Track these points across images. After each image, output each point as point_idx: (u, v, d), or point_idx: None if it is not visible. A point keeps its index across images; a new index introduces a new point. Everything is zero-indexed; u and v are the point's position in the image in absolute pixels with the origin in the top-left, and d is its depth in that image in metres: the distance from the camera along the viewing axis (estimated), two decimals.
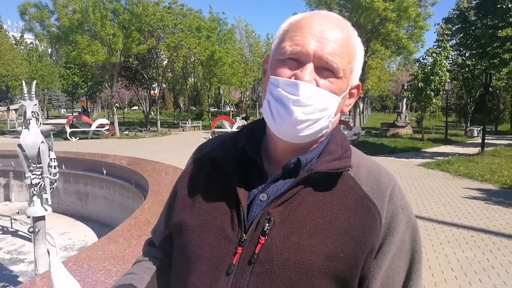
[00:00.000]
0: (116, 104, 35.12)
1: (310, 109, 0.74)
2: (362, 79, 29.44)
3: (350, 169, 0.80)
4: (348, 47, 0.78)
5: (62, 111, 63.84)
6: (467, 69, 31.42)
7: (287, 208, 0.77)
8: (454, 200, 8.31)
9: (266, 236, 0.76)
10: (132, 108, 66.63)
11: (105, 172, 7.71)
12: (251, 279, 0.75)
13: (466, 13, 22.57)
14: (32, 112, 4.58)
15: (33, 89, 4.77)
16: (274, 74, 0.77)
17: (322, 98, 0.75)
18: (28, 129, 4.56)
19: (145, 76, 34.86)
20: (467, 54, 28.65)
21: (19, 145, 4.62)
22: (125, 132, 28.80)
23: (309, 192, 0.79)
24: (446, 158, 15.27)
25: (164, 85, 40.99)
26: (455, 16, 26.76)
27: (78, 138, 24.39)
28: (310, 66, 0.74)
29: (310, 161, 0.81)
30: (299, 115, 0.73)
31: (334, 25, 0.77)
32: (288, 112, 0.73)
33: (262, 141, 0.87)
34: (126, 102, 52.83)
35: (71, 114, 44.94)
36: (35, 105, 4.68)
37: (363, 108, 41.99)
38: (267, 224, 0.76)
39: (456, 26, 26.26)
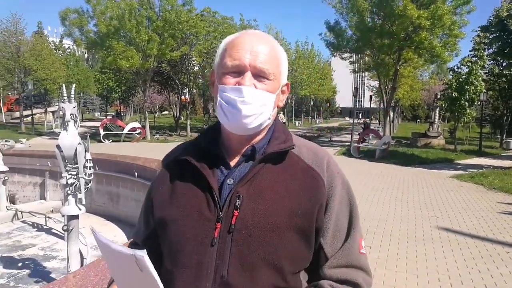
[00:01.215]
0: (148, 109, 35.88)
1: (253, 106, 0.95)
2: (394, 87, 28.95)
3: (294, 147, 1.03)
4: (274, 55, 1.01)
5: (96, 114, 65.71)
6: (504, 79, 30.25)
7: (251, 185, 0.97)
8: (489, 214, 8.01)
9: (239, 210, 0.95)
10: (163, 112, 67.80)
11: (136, 174, 7.89)
12: (232, 245, 0.94)
13: (505, 21, 21.81)
14: (70, 114, 4.76)
15: (72, 92, 4.96)
16: (221, 83, 0.99)
17: (261, 96, 0.97)
18: (66, 131, 4.74)
19: (177, 81, 35.48)
20: (504, 64, 27.68)
21: (57, 146, 4.81)
22: (155, 136, 29.38)
23: (266, 170, 1.00)
24: (480, 170, 14.74)
25: (194, 91, 41.54)
26: (493, 24, 25.94)
27: (111, 140, 25.07)
28: (248, 74, 0.97)
29: (262, 147, 1.03)
30: (246, 112, 0.95)
31: (260, 40, 1.00)
32: (238, 111, 0.95)
33: (219, 139, 1.07)
34: (157, 107, 53.75)
35: (105, 117, 46.22)
36: (74, 107, 4.87)
37: (393, 117, 41.22)
38: (238, 200, 0.95)
39: (494, 35, 25.46)
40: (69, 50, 54.68)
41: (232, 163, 1.03)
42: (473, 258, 5.45)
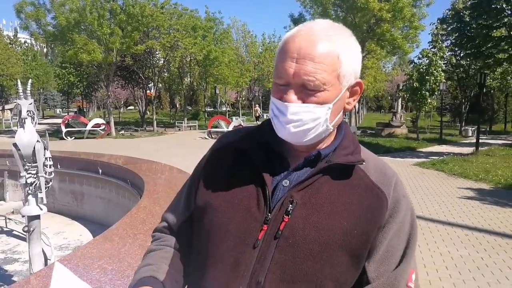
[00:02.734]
0: (112, 104, 34.98)
1: (300, 123, 0.84)
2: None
3: (363, 163, 0.92)
4: (327, 59, 0.83)
5: (58, 110, 63.46)
6: (461, 69, 31.54)
7: (308, 192, 0.88)
8: (449, 199, 8.35)
9: (290, 216, 0.87)
10: (128, 107, 66.38)
11: (100, 171, 7.69)
12: (276, 252, 0.86)
13: (461, 13, 22.67)
14: (27, 111, 4.57)
15: (29, 88, 4.75)
16: (272, 94, 0.89)
17: (308, 112, 0.84)
18: (24, 128, 4.55)
19: (141, 75, 34.77)
20: (461, 54, 28.79)
21: (14, 144, 4.60)
22: (121, 132, 28.73)
23: (326, 180, 0.90)
24: (441, 157, 15.33)
25: (160, 85, 40.89)
26: (450, 16, 26.88)
27: (73, 137, 24.31)
28: (292, 89, 0.84)
29: (327, 154, 0.93)
30: (293, 129, 0.85)
31: (313, 39, 0.83)
32: (284, 128, 0.86)
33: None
34: (122, 102, 52.59)
35: (66, 113, 44.74)
36: (31, 104, 4.67)
37: (358, 108, 42.11)
38: (291, 205, 0.87)
39: (451, 26, 26.42)
40: (26, 45, 52.44)
41: (292, 164, 0.93)
42: (434, 241, 5.68)
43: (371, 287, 0.90)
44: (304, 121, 0.84)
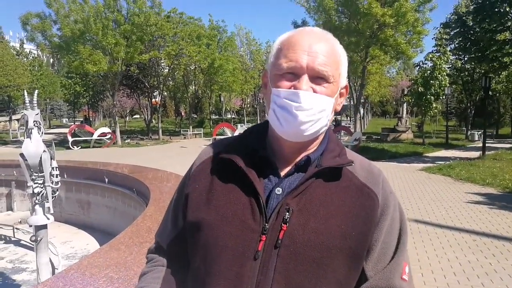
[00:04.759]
0: (118, 113, 35.18)
1: (311, 112, 0.86)
2: (362, 84, 29.54)
3: (352, 164, 0.94)
4: (333, 56, 0.91)
5: (64, 120, 63.94)
6: (466, 73, 31.44)
7: (302, 199, 0.89)
8: (456, 204, 8.29)
9: (287, 224, 0.87)
10: (134, 116, 66.74)
11: (107, 180, 7.73)
12: (278, 261, 0.86)
13: (464, 17, 22.64)
14: (34, 121, 4.62)
15: (35, 99, 4.81)
16: (275, 86, 0.90)
17: (319, 101, 0.87)
18: (30, 138, 4.59)
19: (146, 84, 34.98)
20: (466, 58, 28.70)
21: (21, 154, 4.65)
22: (126, 141, 28.84)
23: (318, 184, 0.91)
24: (448, 162, 15.22)
25: (165, 93, 41.03)
26: (453, 20, 26.86)
27: (80, 147, 24.45)
28: (305, 77, 0.87)
29: (316, 158, 0.94)
30: (303, 118, 0.86)
31: (319, 38, 0.90)
32: (293, 117, 0.86)
33: (267, 141, 0.98)
34: (128, 111, 52.89)
35: (73, 123, 45.05)
36: (37, 114, 4.72)
37: (363, 114, 42.00)
38: (287, 213, 0.87)
39: (455, 31, 26.38)
40: (32, 55, 53.00)
41: (282, 171, 0.94)
42: (442, 247, 5.63)
43: (369, 284, 0.92)
44: (314, 110, 0.87)
